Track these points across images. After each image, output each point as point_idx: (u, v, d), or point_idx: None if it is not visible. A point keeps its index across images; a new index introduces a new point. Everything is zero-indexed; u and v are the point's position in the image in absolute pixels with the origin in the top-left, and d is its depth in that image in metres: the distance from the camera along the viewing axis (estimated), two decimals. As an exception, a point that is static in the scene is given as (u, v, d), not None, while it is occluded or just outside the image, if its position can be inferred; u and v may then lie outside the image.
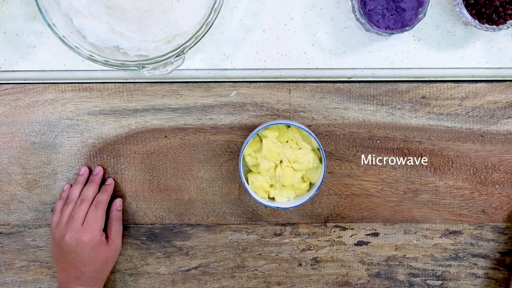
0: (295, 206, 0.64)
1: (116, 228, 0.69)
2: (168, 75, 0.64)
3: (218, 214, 0.72)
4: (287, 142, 0.65)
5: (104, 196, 0.69)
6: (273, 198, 0.66)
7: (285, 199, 0.66)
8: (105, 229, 0.69)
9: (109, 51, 0.64)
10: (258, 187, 0.65)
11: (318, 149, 0.65)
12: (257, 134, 0.65)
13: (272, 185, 0.65)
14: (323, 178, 0.63)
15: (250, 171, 0.66)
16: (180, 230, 0.72)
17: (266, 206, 0.70)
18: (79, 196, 0.68)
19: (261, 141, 0.64)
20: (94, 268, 0.67)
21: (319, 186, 0.64)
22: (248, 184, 0.65)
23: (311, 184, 0.66)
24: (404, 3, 0.61)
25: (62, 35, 0.61)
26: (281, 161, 0.64)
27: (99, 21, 0.62)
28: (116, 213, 0.70)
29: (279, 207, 0.64)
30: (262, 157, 0.64)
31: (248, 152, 0.65)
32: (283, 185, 0.65)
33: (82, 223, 0.66)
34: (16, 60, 0.68)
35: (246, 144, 0.63)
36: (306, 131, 0.63)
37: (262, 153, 0.64)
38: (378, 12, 0.62)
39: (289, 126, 0.65)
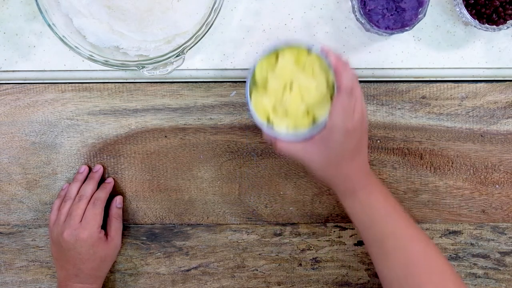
0: (293, 139, 0.59)
1: (115, 226, 0.69)
2: (168, 75, 0.64)
3: (218, 214, 0.72)
4: (303, 68, 0.60)
5: (103, 194, 0.69)
6: (271, 124, 0.60)
7: (284, 129, 0.60)
8: (105, 227, 0.69)
9: (109, 51, 0.64)
10: (260, 107, 0.60)
11: (333, 86, 0.59)
12: (276, 51, 0.60)
13: (275, 109, 0.60)
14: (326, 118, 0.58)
15: (255, 90, 0.61)
16: (180, 230, 0.72)
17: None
18: (77, 194, 0.68)
19: (277, 59, 0.60)
20: (92, 265, 0.67)
21: (323, 125, 0.58)
22: (251, 100, 0.60)
23: (313, 122, 0.60)
24: (404, 3, 0.61)
25: (62, 35, 0.61)
26: (291, 86, 0.60)
27: (99, 21, 0.62)
28: (116, 211, 0.70)
29: (277, 136, 0.59)
30: (274, 75, 0.59)
31: (262, 66, 0.60)
32: (286, 112, 0.60)
33: (80, 221, 0.66)
34: (16, 60, 0.68)
35: (264, 55, 0.59)
36: (327, 62, 0.58)
37: (275, 71, 0.59)
38: (378, 12, 0.62)
39: (310, 52, 0.59)
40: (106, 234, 0.69)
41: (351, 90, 0.55)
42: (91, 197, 0.68)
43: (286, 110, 0.60)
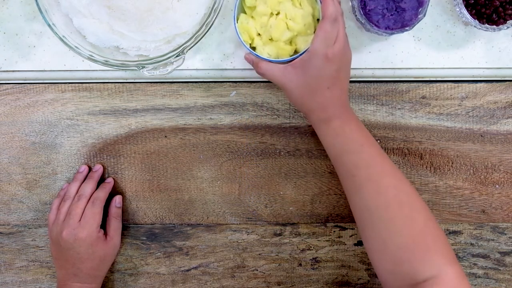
0: (274, 61, 0.61)
1: (115, 225, 0.69)
2: (168, 75, 0.64)
3: (218, 214, 0.72)
4: None
5: (102, 193, 0.69)
6: (254, 49, 0.63)
7: (266, 55, 0.63)
8: (105, 226, 0.69)
9: (109, 51, 0.64)
10: (245, 30, 0.62)
11: (318, 19, 0.62)
12: None
13: (259, 34, 0.63)
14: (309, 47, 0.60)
15: (243, 13, 0.63)
16: (180, 230, 0.72)
17: (247, 52, 0.64)
18: (77, 193, 0.68)
19: None
20: (91, 265, 0.66)
21: (302, 53, 0.60)
22: (237, 23, 0.62)
23: (295, 53, 0.63)
24: (404, 3, 0.61)
25: (62, 35, 0.61)
26: (278, 13, 0.62)
27: (99, 21, 0.62)
28: (115, 210, 0.70)
29: (259, 56, 0.62)
30: (263, 1, 0.61)
31: None
32: (270, 39, 0.62)
33: (79, 220, 0.66)
34: (16, 60, 0.68)
35: None
36: None
37: None
38: (378, 12, 0.62)
39: None
40: (105, 234, 0.69)
41: (335, 19, 0.56)
42: (90, 196, 0.68)
43: (270, 36, 0.62)
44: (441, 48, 0.67)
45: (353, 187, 0.59)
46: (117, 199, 0.70)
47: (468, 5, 0.62)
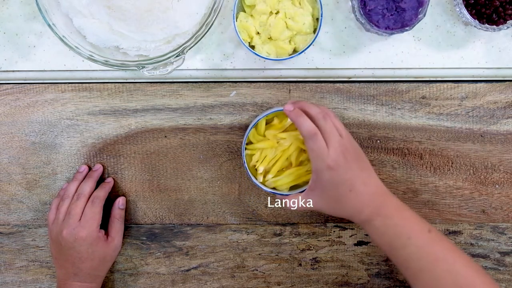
0: (272, 59, 0.62)
1: (117, 227, 0.69)
2: (168, 75, 0.64)
3: (218, 214, 0.72)
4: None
5: (102, 192, 0.68)
6: (252, 47, 0.64)
7: (265, 54, 0.63)
8: (106, 227, 0.69)
9: (109, 51, 0.64)
10: (244, 28, 0.63)
11: (318, 19, 0.62)
12: None
13: (258, 33, 0.63)
14: (309, 46, 0.62)
15: (243, 11, 0.64)
16: (180, 230, 0.72)
17: (246, 50, 0.65)
18: (76, 192, 0.68)
19: None
20: (91, 264, 0.66)
21: (301, 52, 0.61)
22: (236, 21, 0.63)
23: (294, 52, 0.64)
24: (404, 3, 0.61)
25: (62, 35, 0.61)
26: (277, 12, 0.62)
27: (99, 21, 0.62)
28: (118, 211, 0.70)
29: (256, 54, 0.62)
30: (263, 0, 0.62)
31: None
32: (269, 38, 0.63)
33: (79, 219, 0.66)
34: (16, 60, 0.68)
35: None
36: None
37: None
38: (378, 12, 0.62)
39: None
40: (107, 234, 0.69)
41: (314, 133, 0.56)
42: (90, 195, 0.68)
43: (269, 35, 0.62)
44: (441, 48, 0.67)
45: (411, 278, 0.58)
46: (121, 200, 0.70)
47: (468, 5, 0.62)
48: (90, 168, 0.71)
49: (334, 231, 0.72)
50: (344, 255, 0.72)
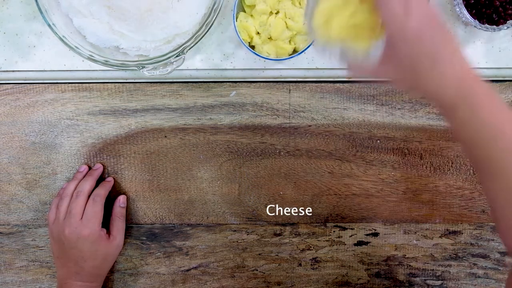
0: (272, 59, 0.62)
1: (118, 225, 0.69)
2: (168, 75, 0.64)
3: (218, 214, 0.72)
4: None
5: (102, 191, 0.68)
6: (252, 47, 0.64)
7: (265, 54, 0.63)
8: (107, 226, 0.69)
9: (109, 51, 0.64)
10: (244, 28, 0.63)
11: None
12: None
13: (258, 33, 0.63)
14: (309, 46, 0.61)
15: (243, 11, 0.64)
16: (180, 230, 0.72)
17: (246, 50, 0.65)
18: (75, 190, 0.68)
19: None
20: (94, 263, 0.66)
21: (301, 52, 0.61)
22: (236, 21, 0.63)
23: (294, 52, 0.63)
24: (404, 3, 0.61)
25: (62, 35, 0.61)
26: (277, 12, 0.62)
27: (99, 21, 0.62)
28: (119, 210, 0.70)
29: (256, 54, 0.62)
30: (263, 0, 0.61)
31: None
32: (269, 38, 0.63)
33: (81, 218, 0.66)
34: (16, 60, 0.68)
35: None
36: None
37: None
38: (378, 12, 0.62)
39: None
40: (108, 233, 0.69)
41: None
42: (89, 193, 0.68)
43: (269, 35, 0.62)
44: (441, 48, 0.67)
45: (487, 177, 0.48)
46: (121, 199, 0.70)
47: (468, 5, 0.62)
48: (90, 168, 0.71)
49: (334, 231, 0.72)
50: (344, 255, 0.72)
